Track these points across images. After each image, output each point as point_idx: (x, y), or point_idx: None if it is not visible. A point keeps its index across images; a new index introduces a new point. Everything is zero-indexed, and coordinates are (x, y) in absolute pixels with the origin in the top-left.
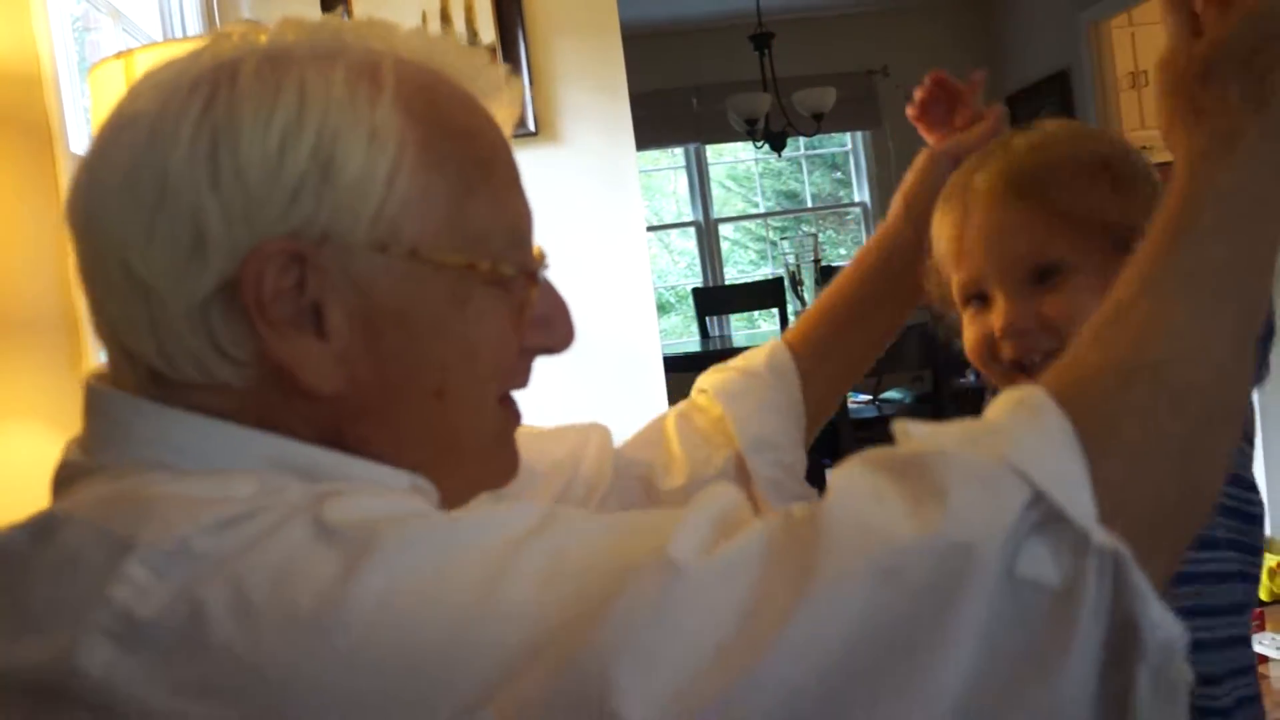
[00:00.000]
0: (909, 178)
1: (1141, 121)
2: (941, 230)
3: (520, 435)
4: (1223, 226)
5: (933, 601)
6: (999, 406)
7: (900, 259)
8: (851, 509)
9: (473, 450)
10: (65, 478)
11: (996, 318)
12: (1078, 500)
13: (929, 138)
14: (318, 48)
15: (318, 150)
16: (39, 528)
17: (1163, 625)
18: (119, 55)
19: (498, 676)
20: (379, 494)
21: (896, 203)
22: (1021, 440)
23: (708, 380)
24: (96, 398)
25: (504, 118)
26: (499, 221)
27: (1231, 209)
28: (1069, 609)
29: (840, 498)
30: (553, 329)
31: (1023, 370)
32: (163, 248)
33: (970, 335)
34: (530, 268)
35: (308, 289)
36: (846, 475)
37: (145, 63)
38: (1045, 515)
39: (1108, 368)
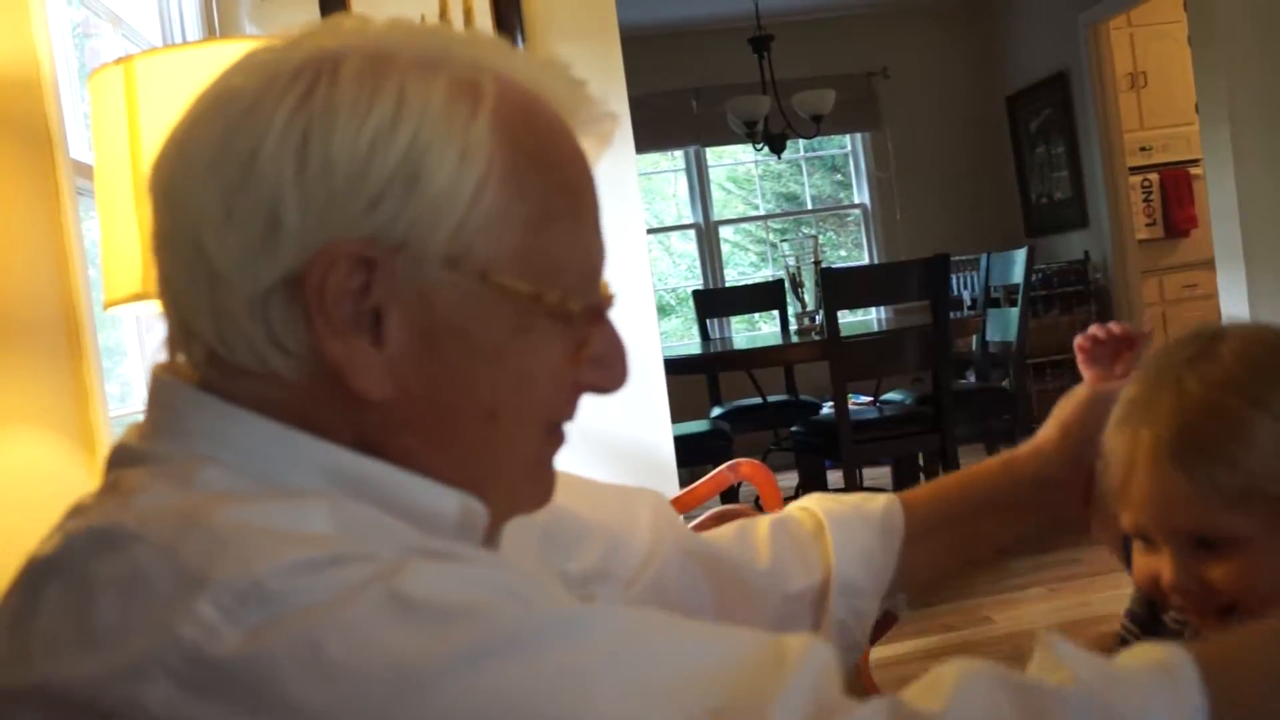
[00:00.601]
0: (1069, 410)
1: (1140, 123)
2: (1111, 458)
3: (570, 481)
4: None
5: None
6: (1145, 658)
7: (1033, 485)
8: None
9: (511, 475)
10: (119, 459)
11: (1164, 569)
12: None
13: (1086, 373)
14: (423, 54)
15: (407, 158)
16: (107, 538)
17: None
18: (119, 61)
19: None
20: (463, 564)
21: (1053, 428)
22: (1152, 711)
23: (818, 504)
24: (160, 388)
25: (594, 152)
26: (573, 256)
27: None
28: None
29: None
30: (608, 370)
31: (1196, 614)
32: (237, 230)
33: (1139, 568)
34: (597, 306)
35: (372, 294)
36: (970, 689)
37: (145, 69)
38: None
39: (1268, 676)
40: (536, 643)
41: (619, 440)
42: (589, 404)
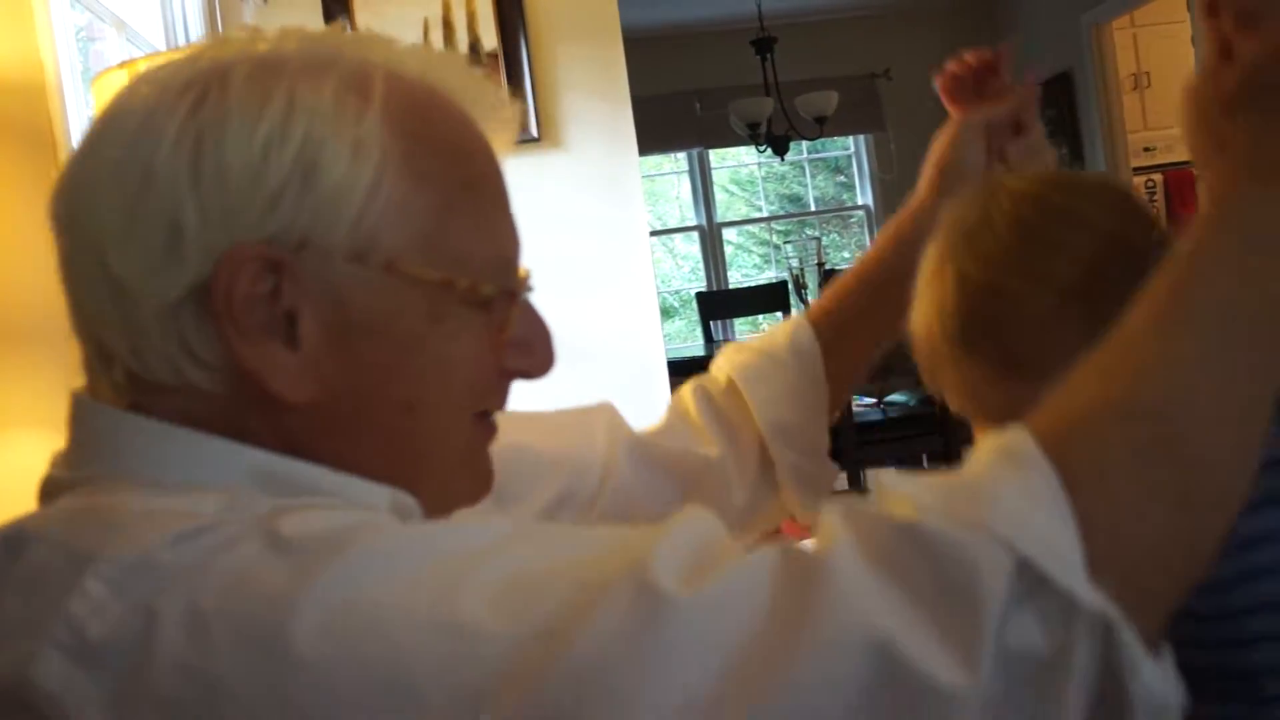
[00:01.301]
0: (939, 149)
1: (1144, 122)
2: (915, 344)
3: (524, 420)
4: (1246, 265)
5: None
6: (983, 455)
7: (930, 231)
8: (848, 586)
9: (441, 467)
10: (47, 492)
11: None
12: (1065, 562)
13: (953, 109)
14: (312, 58)
15: (301, 157)
16: (8, 542)
17: (1155, 686)
18: (123, 65)
19: (456, 694)
20: (342, 509)
21: (928, 172)
22: (1004, 501)
23: (727, 360)
24: (80, 409)
25: (501, 140)
26: (481, 242)
27: (1257, 246)
28: (1057, 678)
29: (837, 567)
30: (532, 354)
31: None
32: (139, 244)
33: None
34: (511, 289)
35: (283, 297)
36: (838, 538)
37: None
38: (1031, 583)
39: (1103, 408)
40: (407, 555)
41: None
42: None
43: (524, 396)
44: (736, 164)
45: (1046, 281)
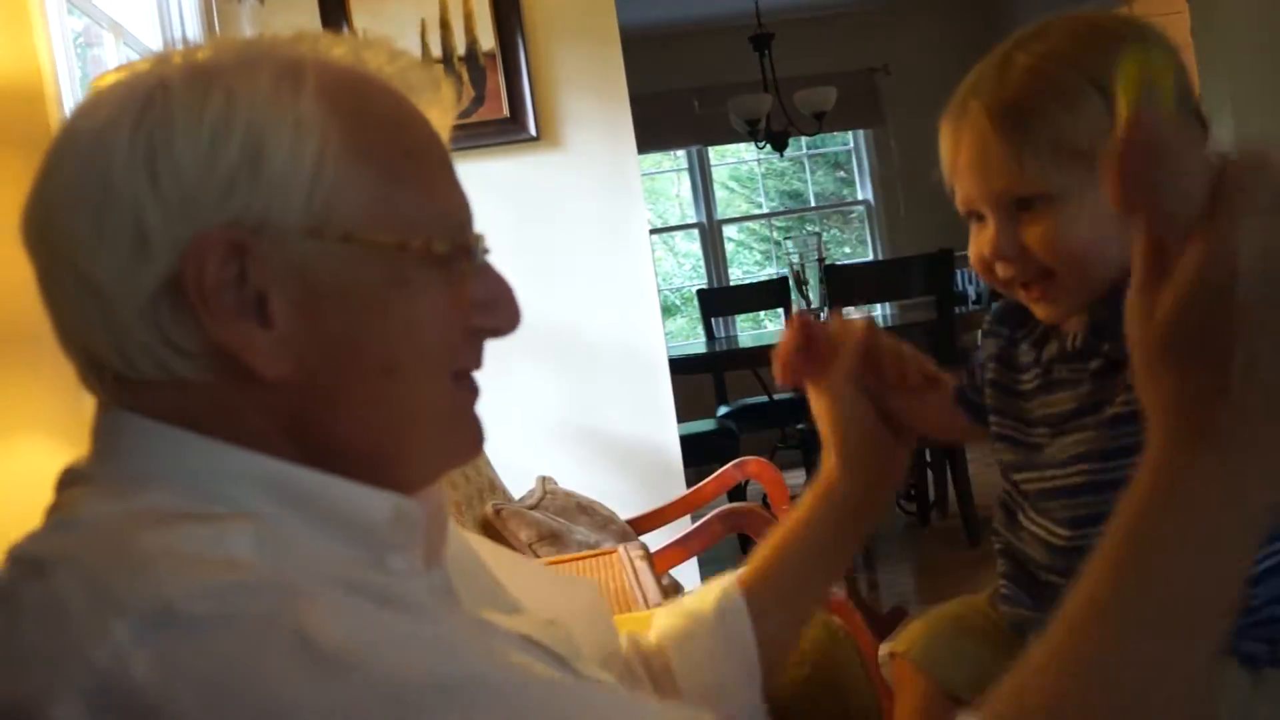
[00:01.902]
0: (824, 429)
1: None
2: (943, 147)
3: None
4: (1187, 540)
5: None
6: None
7: (843, 508)
8: None
9: (430, 426)
10: (64, 481)
11: (985, 240)
12: None
13: (810, 388)
14: (244, 58)
15: (246, 144)
16: (33, 564)
17: None
18: (121, 70)
19: None
20: (374, 601)
21: (828, 455)
22: None
23: (656, 622)
24: (100, 414)
25: (436, 116)
26: (429, 205)
27: (1200, 520)
28: None
29: None
30: (498, 311)
31: (1022, 287)
32: (109, 248)
33: (972, 250)
34: (466, 247)
35: (250, 279)
36: None
37: None
38: None
39: (1050, 710)
40: (417, 704)
41: (625, 440)
42: (596, 405)
43: (534, 395)
44: (736, 161)
45: (1094, 80)
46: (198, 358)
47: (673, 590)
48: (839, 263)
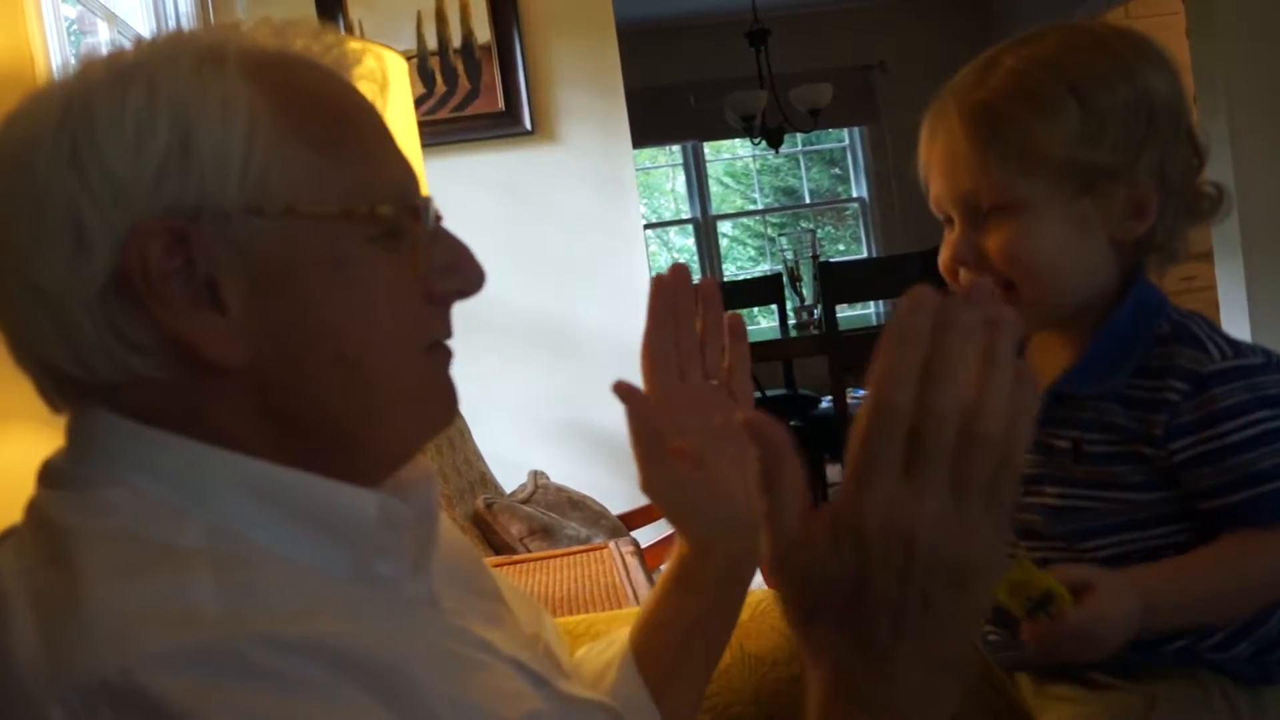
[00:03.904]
0: (677, 519)
1: None
2: (920, 144)
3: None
4: None
5: None
6: None
7: (724, 579)
8: None
9: (399, 402)
10: (41, 477)
11: (949, 243)
12: None
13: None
14: (164, 50)
15: (174, 128)
16: None
17: None
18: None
19: None
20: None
21: (685, 545)
22: None
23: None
24: (77, 412)
25: (368, 91)
26: (370, 173)
27: None
28: None
29: None
30: (459, 273)
31: None
32: (50, 250)
33: (941, 256)
34: (412, 206)
35: (198, 266)
36: None
37: None
38: None
39: None
40: None
41: (618, 435)
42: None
43: (527, 389)
44: (731, 157)
45: (1078, 92)
46: (154, 353)
47: None
48: (833, 259)
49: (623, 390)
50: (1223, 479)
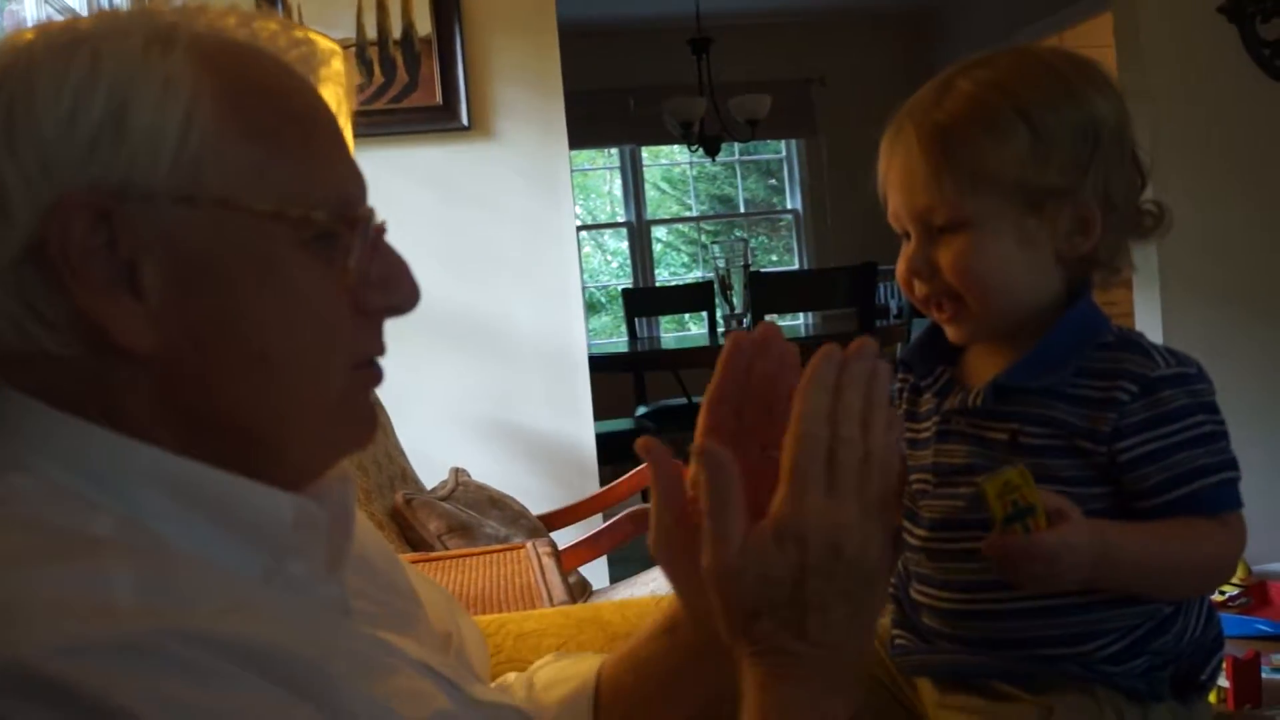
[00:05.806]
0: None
1: None
2: (879, 161)
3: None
4: None
5: None
6: None
7: (701, 647)
8: None
9: (308, 418)
10: None
11: (905, 256)
12: None
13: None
14: (119, 24)
15: (110, 100)
16: None
17: None
18: (40, 27)
19: None
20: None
21: (678, 608)
22: None
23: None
24: None
25: (330, 92)
26: (312, 176)
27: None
28: None
29: None
30: (393, 288)
31: (936, 307)
32: None
33: (898, 265)
34: (349, 218)
35: (120, 247)
36: None
37: None
38: None
39: None
40: None
41: (542, 435)
42: (513, 399)
43: (452, 386)
44: (669, 162)
45: (1028, 117)
46: (63, 330)
47: (579, 589)
48: (764, 270)
49: (646, 448)
50: (1167, 474)
